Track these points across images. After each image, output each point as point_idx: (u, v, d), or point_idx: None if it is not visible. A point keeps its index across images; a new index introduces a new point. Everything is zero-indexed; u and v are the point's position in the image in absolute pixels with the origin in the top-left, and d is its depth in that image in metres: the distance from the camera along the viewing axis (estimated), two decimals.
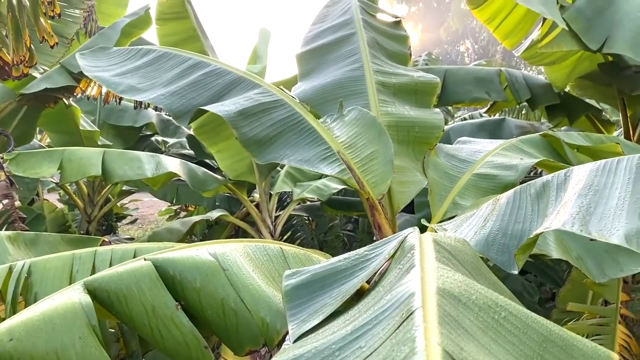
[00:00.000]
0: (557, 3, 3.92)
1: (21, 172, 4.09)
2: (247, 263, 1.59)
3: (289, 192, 5.06)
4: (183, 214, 9.05)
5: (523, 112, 6.58)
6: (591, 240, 1.34)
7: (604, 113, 5.31)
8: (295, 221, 6.69)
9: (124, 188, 7.14)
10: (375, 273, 1.23)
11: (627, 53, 3.69)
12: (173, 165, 4.16)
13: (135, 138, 6.79)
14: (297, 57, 2.95)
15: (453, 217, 2.10)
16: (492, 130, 5.17)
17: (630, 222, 1.24)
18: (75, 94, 5.04)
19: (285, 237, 6.08)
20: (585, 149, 2.62)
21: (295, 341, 1.11)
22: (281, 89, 2.46)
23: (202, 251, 1.57)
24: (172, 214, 9.78)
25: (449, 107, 8.21)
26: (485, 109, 5.52)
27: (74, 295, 1.37)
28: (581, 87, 4.94)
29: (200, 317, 1.48)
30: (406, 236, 1.28)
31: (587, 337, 3.79)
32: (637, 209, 1.28)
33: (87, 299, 1.35)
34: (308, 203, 6.10)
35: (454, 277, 1.00)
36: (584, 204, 1.35)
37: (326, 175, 3.14)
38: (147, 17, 4.32)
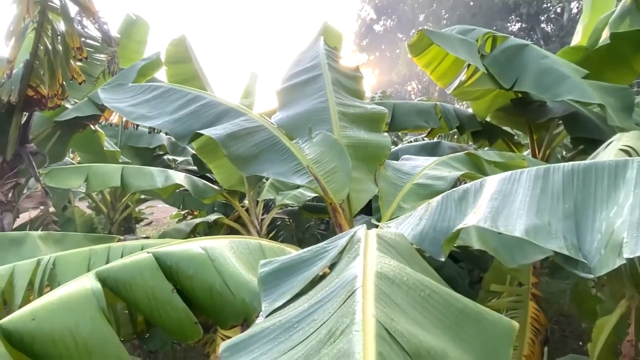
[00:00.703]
0: (479, 52, 4.00)
1: (54, 183, 4.03)
2: (231, 255, 1.56)
3: (272, 199, 5.02)
4: (189, 217, 8.91)
5: (455, 136, 6.68)
6: (499, 233, 1.35)
7: (516, 137, 5.42)
8: (278, 223, 6.63)
9: (141, 197, 7.01)
10: (332, 262, 1.22)
11: (532, 91, 3.78)
12: (179, 178, 4.10)
13: (150, 157, 6.69)
14: (277, 92, 2.94)
15: (398, 217, 2.10)
16: (431, 151, 5.22)
17: (529, 219, 1.25)
18: (100, 121, 4.94)
19: (270, 235, 6.02)
20: (499, 164, 2.66)
21: (267, 317, 1.08)
22: (263, 117, 2.44)
23: (195, 245, 1.53)
24: (181, 217, 9.63)
25: (399, 133, 8.30)
26: (425, 134, 5.58)
27: (87, 283, 1.32)
28: (498, 117, 5.03)
29: (192, 300, 1.45)
30: (355, 232, 1.27)
31: (505, 312, 3.84)
32: (534, 209, 1.29)
33: (97, 285, 1.30)
34: (289, 208, 6.07)
35: (390, 263, 0.99)
36: (494, 206, 1.36)
37: (302, 186, 3.11)
38: (159, 60, 4.27)
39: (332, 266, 1.26)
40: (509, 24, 27.06)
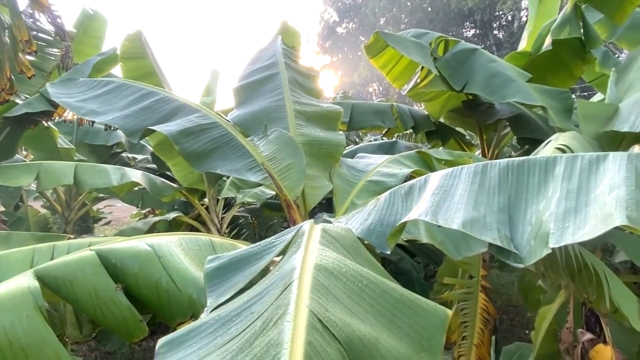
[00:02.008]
0: (431, 55, 4.09)
1: (3, 181, 3.80)
2: (180, 252, 1.51)
3: (233, 197, 4.94)
4: (151, 216, 8.65)
5: (413, 136, 6.81)
6: (439, 226, 1.37)
7: (467, 137, 5.58)
8: (241, 221, 6.53)
9: (99, 196, 6.73)
10: (278, 255, 1.20)
11: (481, 93, 3.89)
12: (135, 175, 3.96)
13: (108, 155, 6.42)
14: (234, 89, 2.89)
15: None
16: (388, 149, 5.30)
17: (466, 213, 1.28)
18: (53, 118, 4.70)
19: (232, 234, 5.94)
20: (448, 162, 2.72)
21: (211, 312, 1.06)
22: (218, 114, 2.39)
23: (141, 242, 1.48)
24: (142, 216, 9.32)
25: (360, 133, 8.38)
26: (383, 133, 5.66)
27: (24, 281, 1.24)
28: (451, 118, 5.16)
29: (138, 297, 1.39)
30: (301, 226, 1.27)
31: (457, 303, 3.95)
32: (471, 203, 1.33)
33: (35, 283, 1.23)
34: (251, 206, 5.99)
35: (331, 256, 0.99)
36: (435, 200, 1.39)
37: (260, 184, 3.08)
38: (115, 56, 4.10)
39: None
40: (464, 30, 27.94)
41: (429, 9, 27.00)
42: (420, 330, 0.91)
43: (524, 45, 5.06)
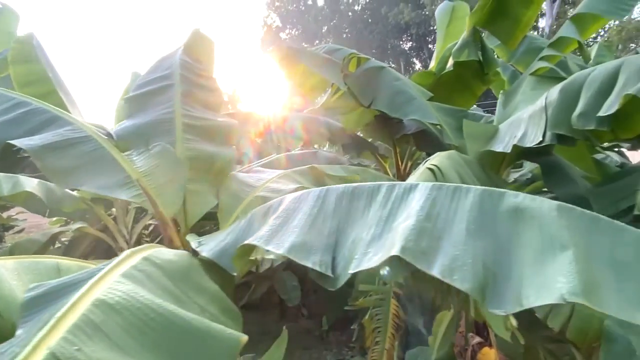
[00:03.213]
0: (342, 72, 4.22)
1: None
2: (12, 277, 1.44)
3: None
4: (72, 222, 8.09)
5: (335, 148, 6.95)
6: None
7: (381, 150, 5.79)
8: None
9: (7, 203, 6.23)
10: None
11: (385, 110, 4.06)
12: (30, 184, 3.71)
13: (14, 158, 5.95)
14: (126, 100, 2.82)
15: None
16: (310, 159, 5.39)
17: (298, 237, 1.33)
18: None
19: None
20: (338, 178, 2.82)
21: None
22: (92, 126, 2.31)
23: None
24: (63, 222, 8.71)
25: None
26: (302, 144, 5.73)
27: None
28: (367, 131, 5.34)
29: None
30: (124, 253, 1.25)
31: (373, 308, 4.09)
32: (307, 227, 1.38)
33: None
34: None
35: (121, 288, 0.99)
36: (276, 224, 1.43)
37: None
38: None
39: None
40: (402, 42, 29.10)
41: (370, 20, 27.86)
42: (207, 358, 0.93)
43: (433, 64, 5.35)
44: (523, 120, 2.89)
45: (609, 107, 2.03)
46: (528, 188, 4.99)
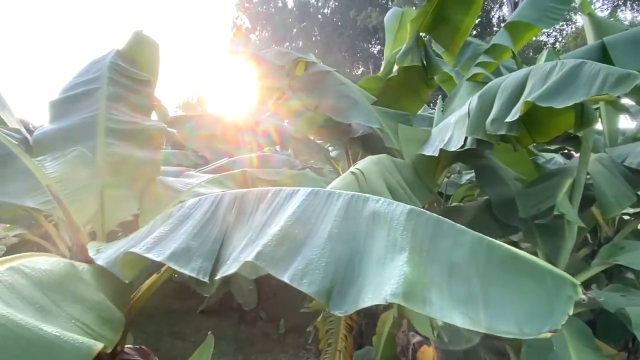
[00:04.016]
0: (288, 76, 4.24)
1: None
2: None
3: None
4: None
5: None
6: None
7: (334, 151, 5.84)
8: (119, 234, 6.19)
9: None
10: None
11: (330, 114, 4.10)
12: None
13: None
14: (49, 103, 2.75)
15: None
16: (262, 163, 5.39)
17: (182, 244, 1.34)
18: None
19: None
20: (271, 182, 2.83)
21: None
22: (2, 132, 2.25)
23: None
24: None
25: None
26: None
27: None
28: (320, 134, 5.37)
29: None
30: None
31: (325, 310, 4.13)
32: (194, 233, 1.39)
33: None
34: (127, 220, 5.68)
35: None
36: (164, 230, 1.43)
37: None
38: None
39: None
40: (370, 46, 29.48)
41: (339, 23, 28.08)
42: None
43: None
44: (450, 125, 2.99)
45: (515, 113, 2.13)
46: (479, 189, 5.15)
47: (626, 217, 4.34)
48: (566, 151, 5.63)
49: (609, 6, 22.58)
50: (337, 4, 28.40)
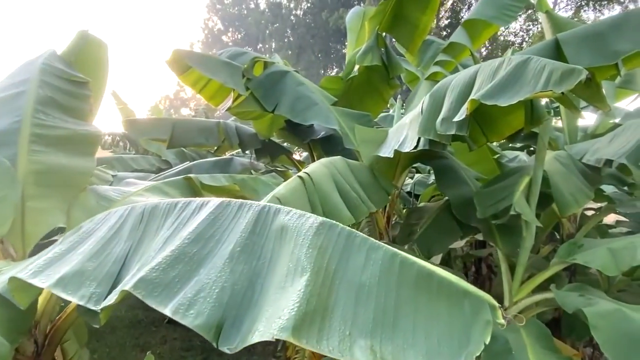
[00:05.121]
0: (243, 76, 4.07)
1: None
2: None
3: None
4: None
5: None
6: None
7: (299, 154, 5.70)
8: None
9: None
10: None
11: (288, 115, 3.95)
12: None
13: None
14: None
15: None
16: (223, 167, 5.21)
17: (75, 266, 1.16)
18: None
19: None
20: (213, 189, 2.67)
21: None
22: None
23: None
24: None
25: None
26: (215, 150, 5.54)
27: None
28: (281, 136, 5.23)
29: None
30: None
31: None
32: (92, 253, 1.22)
33: None
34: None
35: None
36: (60, 250, 1.26)
37: None
38: None
39: None
40: (343, 47, 29.48)
41: (312, 25, 27.96)
42: None
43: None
44: (405, 126, 2.89)
45: (462, 112, 2.03)
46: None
47: (590, 213, 4.35)
48: (532, 149, 5.65)
49: (573, 7, 23.22)
50: (309, 5, 28.28)
